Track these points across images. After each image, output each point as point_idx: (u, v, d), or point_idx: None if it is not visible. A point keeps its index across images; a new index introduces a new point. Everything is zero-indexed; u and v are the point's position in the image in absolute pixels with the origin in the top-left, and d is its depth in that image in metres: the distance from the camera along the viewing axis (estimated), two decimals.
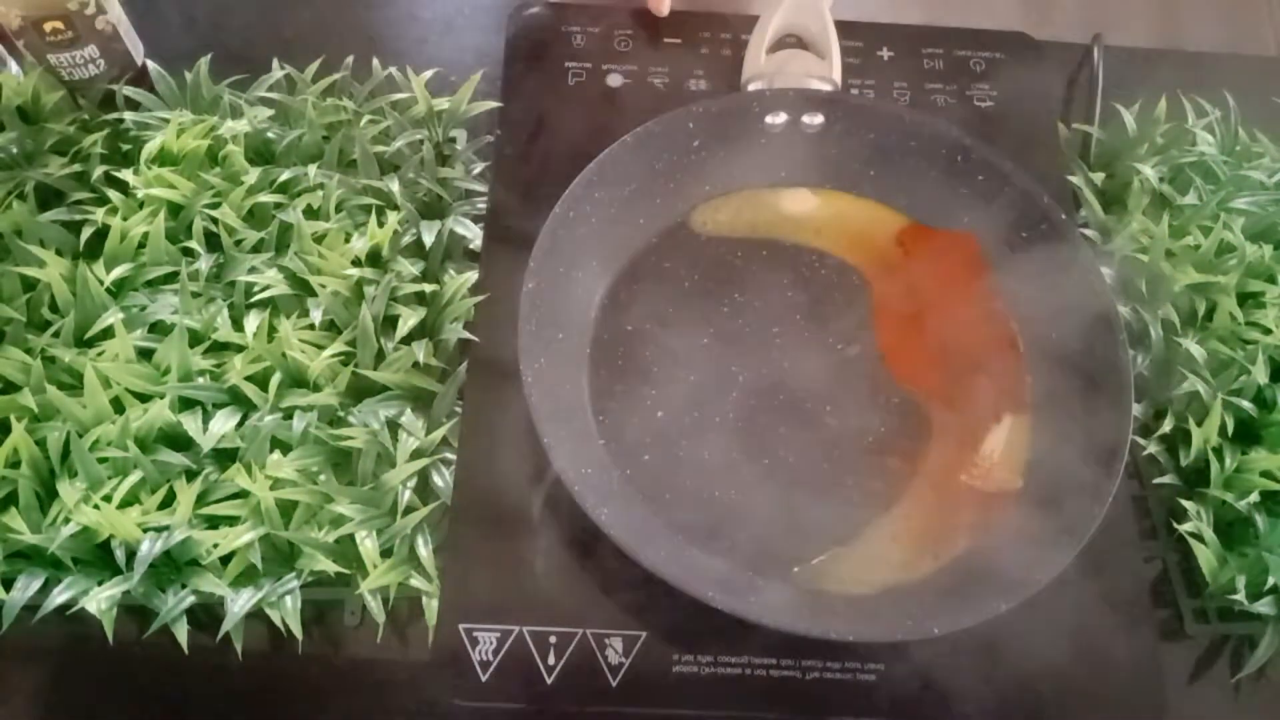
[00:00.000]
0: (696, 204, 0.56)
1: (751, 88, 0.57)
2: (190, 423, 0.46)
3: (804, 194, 0.57)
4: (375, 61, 0.58)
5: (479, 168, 0.57)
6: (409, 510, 0.45)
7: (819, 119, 0.55)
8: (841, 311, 0.53)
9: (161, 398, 0.46)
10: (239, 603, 0.43)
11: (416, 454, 0.47)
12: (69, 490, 0.44)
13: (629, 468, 0.48)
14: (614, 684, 0.44)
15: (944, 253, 0.54)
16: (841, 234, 0.56)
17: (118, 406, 0.46)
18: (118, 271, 0.49)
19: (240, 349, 0.48)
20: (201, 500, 0.45)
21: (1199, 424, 0.50)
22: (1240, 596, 0.46)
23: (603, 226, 0.52)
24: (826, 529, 0.47)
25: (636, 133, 0.52)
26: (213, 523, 0.44)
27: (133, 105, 0.57)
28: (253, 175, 0.53)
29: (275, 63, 0.59)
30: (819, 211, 0.56)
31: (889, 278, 0.54)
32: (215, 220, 0.51)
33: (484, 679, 0.44)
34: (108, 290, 0.49)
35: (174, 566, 0.44)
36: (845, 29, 0.61)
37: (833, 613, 0.44)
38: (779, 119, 0.55)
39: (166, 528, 0.43)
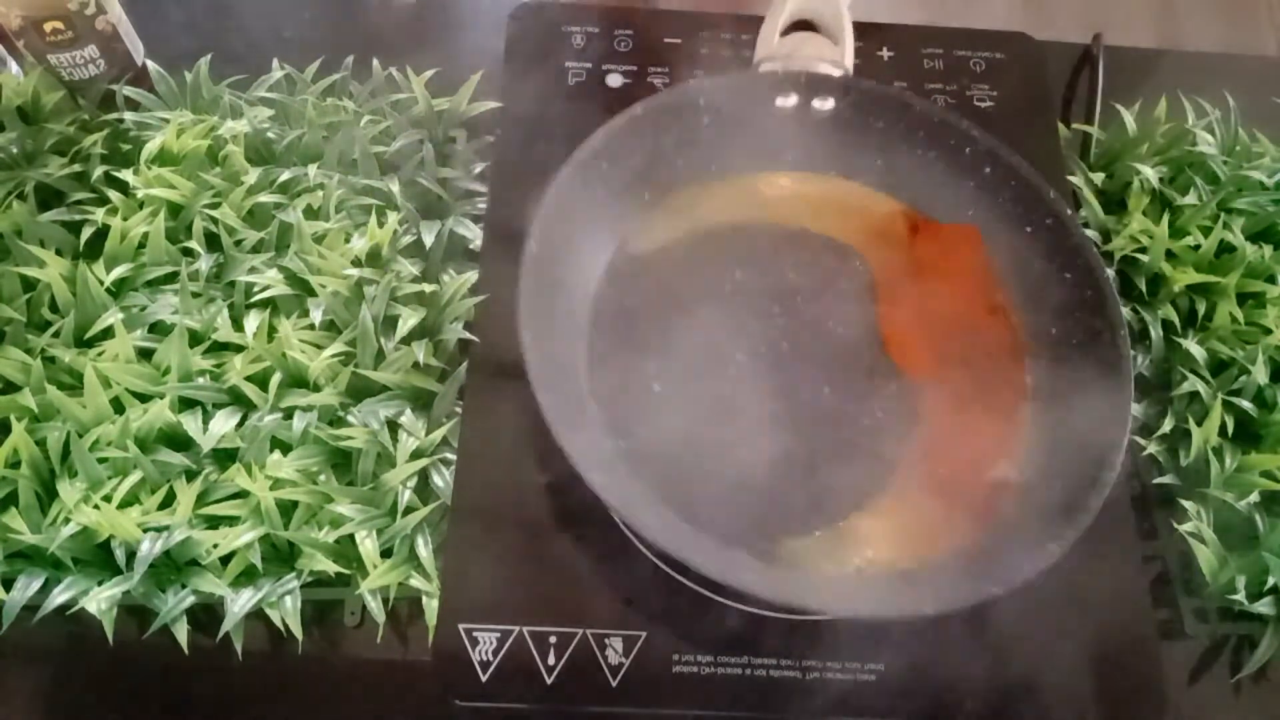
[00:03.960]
0: (702, 183, 0.55)
1: (764, 69, 0.57)
2: (190, 423, 0.46)
3: (809, 179, 0.56)
4: (375, 61, 0.58)
5: (479, 168, 0.57)
6: (409, 510, 0.45)
7: (829, 103, 0.55)
8: (843, 296, 0.53)
9: (161, 398, 0.46)
10: (239, 603, 0.43)
11: (416, 454, 0.47)
12: (69, 490, 0.44)
13: (623, 439, 0.47)
14: (614, 684, 0.44)
15: (949, 244, 0.54)
16: (847, 221, 0.55)
17: (118, 406, 0.46)
18: (118, 271, 0.49)
19: (240, 349, 0.48)
20: (201, 500, 0.45)
21: (1199, 424, 0.50)
22: (1240, 596, 0.46)
23: (608, 199, 0.51)
24: (819, 509, 0.46)
25: (646, 104, 0.52)
26: (213, 523, 0.44)
27: (133, 105, 0.57)
28: (253, 175, 0.53)
29: (275, 63, 0.59)
30: (822, 197, 0.56)
31: (893, 266, 0.54)
32: (215, 220, 0.51)
33: (484, 679, 0.44)
34: (108, 290, 0.49)
35: (174, 566, 0.44)
36: None
37: (822, 590, 0.44)
38: (789, 101, 0.55)
39: (166, 528, 0.43)
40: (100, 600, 0.43)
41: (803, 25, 0.60)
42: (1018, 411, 0.50)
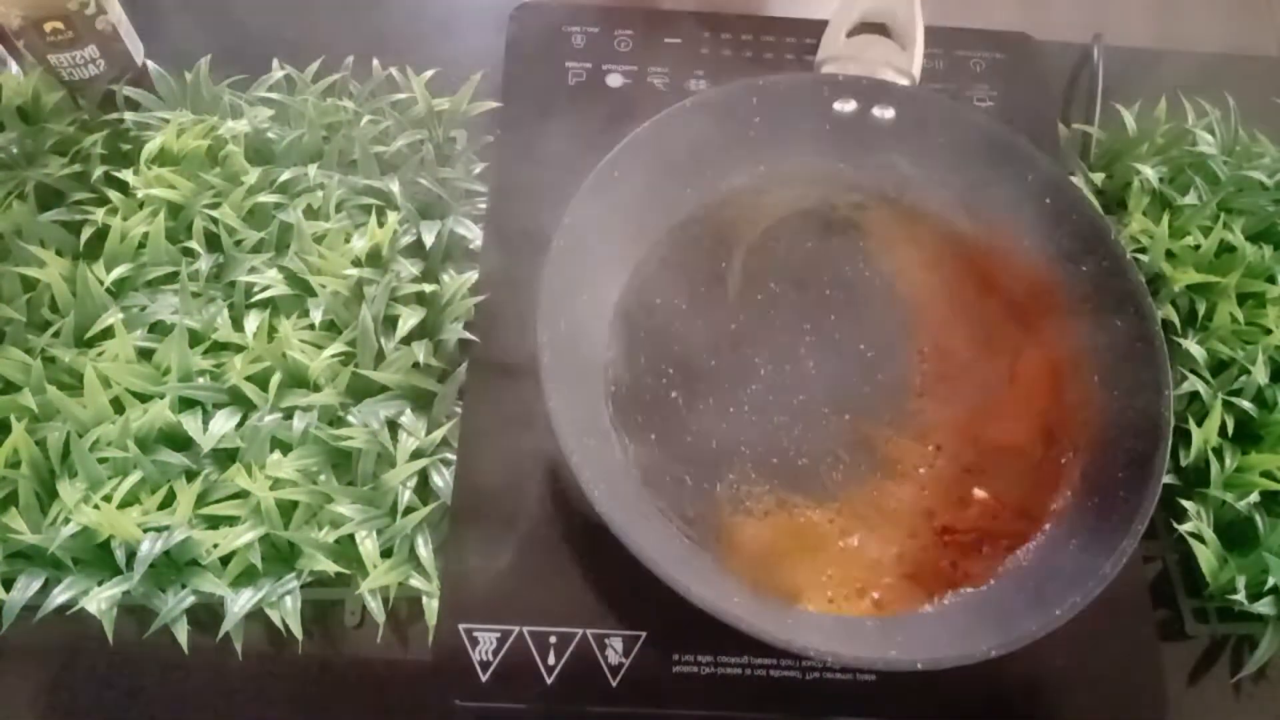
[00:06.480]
0: (746, 183, 0.53)
1: (825, 70, 0.55)
2: (190, 423, 0.46)
3: (862, 190, 0.54)
4: (375, 61, 0.58)
5: (479, 168, 0.57)
6: (409, 510, 0.45)
7: (890, 113, 0.53)
8: (880, 321, 0.51)
9: (161, 398, 0.46)
10: (239, 603, 0.43)
11: (416, 454, 0.47)
12: (69, 490, 0.44)
13: (633, 445, 0.47)
14: (614, 684, 0.44)
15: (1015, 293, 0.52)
16: (896, 243, 0.53)
17: (118, 406, 0.46)
18: (118, 271, 0.49)
19: (240, 349, 0.48)
20: (201, 500, 0.45)
21: (1199, 424, 0.50)
22: (1240, 596, 0.46)
23: (646, 192, 0.50)
24: (835, 534, 0.46)
25: (696, 99, 0.50)
26: (213, 523, 0.44)
27: (133, 105, 0.57)
28: (253, 175, 0.53)
29: (275, 63, 0.59)
30: (874, 213, 0.54)
31: (940, 302, 0.52)
32: (215, 220, 0.51)
33: (484, 679, 0.44)
34: (108, 290, 0.49)
35: (174, 566, 0.44)
36: None
37: (812, 627, 0.43)
38: (848, 107, 0.53)
39: (166, 528, 0.43)
40: (100, 600, 0.43)
41: (871, 26, 0.58)
42: (1048, 460, 0.48)
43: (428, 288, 0.51)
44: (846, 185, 0.54)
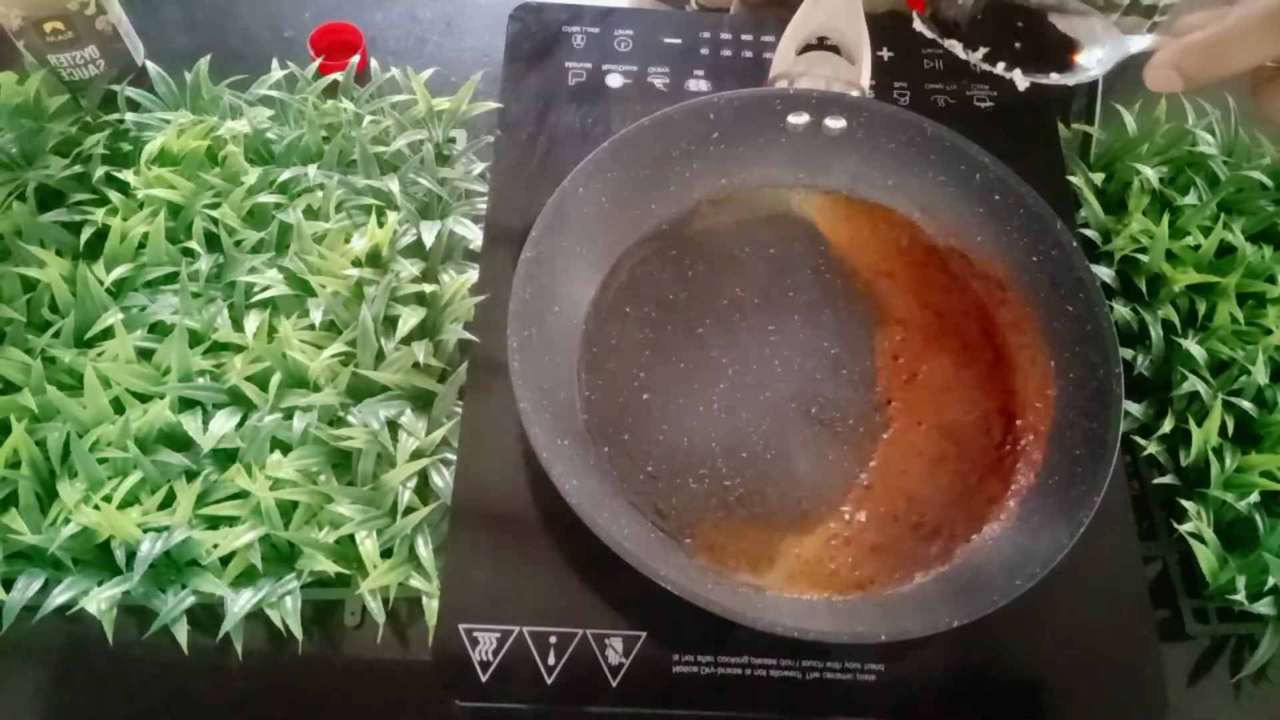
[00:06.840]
0: (708, 195, 0.55)
1: (778, 86, 0.57)
2: (190, 423, 0.46)
3: (817, 198, 0.56)
4: (375, 61, 0.58)
5: (479, 168, 0.57)
6: (409, 510, 0.45)
7: (841, 123, 0.55)
8: (843, 319, 0.53)
9: (161, 398, 0.46)
10: (239, 603, 0.43)
11: (416, 454, 0.47)
12: (69, 490, 0.44)
13: (607, 445, 0.48)
14: (614, 684, 0.44)
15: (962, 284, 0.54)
16: (855, 243, 0.55)
17: (118, 407, 0.46)
18: (118, 272, 0.49)
19: (240, 349, 0.48)
20: (201, 500, 0.45)
21: (1199, 424, 0.50)
22: (1240, 596, 0.46)
23: (612, 207, 0.52)
24: (802, 523, 0.47)
25: (655, 117, 0.52)
26: (213, 523, 0.44)
27: (133, 106, 0.57)
28: (253, 175, 0.53)
29: (275, 63, 0.59)
30: (830, 218, 0.56)
31: (900, 295, 0.54)
32: (215, 220, 0.51)
33: (484, 679, 0.44)
34: (108, 290, 0.49)
35: (174, 567, 0.44)
36: None
37: (781, 609, 0.44)
38: (801, 119, 0.55)
39: (166, 528, 0.43)
40: (100, 600, 0.43)
41: (822, 43, 0.60)
42: (1009, 443, 0.50)
43: (428, 288, 0.51)
44: (805, 192, 0.57)
